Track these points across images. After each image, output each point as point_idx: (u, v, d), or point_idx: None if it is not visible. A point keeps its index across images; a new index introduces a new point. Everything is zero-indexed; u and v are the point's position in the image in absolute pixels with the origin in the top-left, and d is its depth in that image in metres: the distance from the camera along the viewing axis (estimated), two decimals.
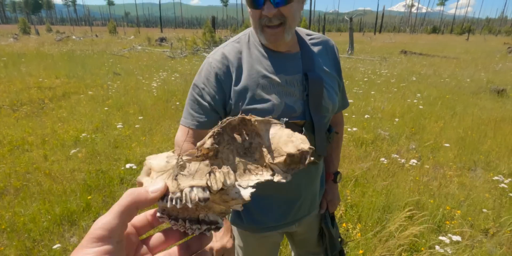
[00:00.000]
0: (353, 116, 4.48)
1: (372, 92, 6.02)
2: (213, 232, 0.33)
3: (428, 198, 2.45)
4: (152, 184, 0.30)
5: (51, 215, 2.24)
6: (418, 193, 2.55)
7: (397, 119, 4.37)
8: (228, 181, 0.30)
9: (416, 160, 3.18)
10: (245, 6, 0.89)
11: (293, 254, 1.36)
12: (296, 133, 0.36)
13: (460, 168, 3.12)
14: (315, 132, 0.93)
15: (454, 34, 59.39)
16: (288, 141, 0.35)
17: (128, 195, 0.29)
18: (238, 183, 0.34)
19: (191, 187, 0.29)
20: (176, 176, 0.30)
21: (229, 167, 0.32)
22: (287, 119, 0.88)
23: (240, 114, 0.37)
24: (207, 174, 0.30)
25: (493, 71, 9.47)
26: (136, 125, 4.09)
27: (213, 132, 0.35)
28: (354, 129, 3.88)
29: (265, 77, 0.89)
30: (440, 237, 1.80)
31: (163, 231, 0.34)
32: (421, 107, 5.03)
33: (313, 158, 0.89)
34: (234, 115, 0.94)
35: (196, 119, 0.91)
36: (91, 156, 3.22)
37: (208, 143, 0.34)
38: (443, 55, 14.15)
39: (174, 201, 0.29)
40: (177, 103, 5.10)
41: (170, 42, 16.59)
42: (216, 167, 0.31)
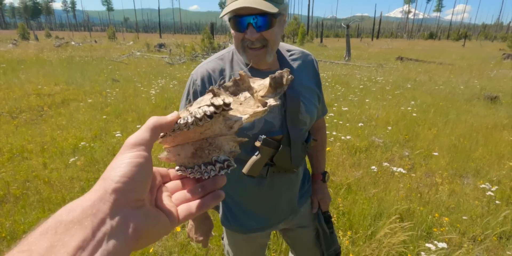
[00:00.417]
0: (347, 124, 4.56)
1: (367, 100, 6.11)
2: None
3: (419, 206, 2.51)
4: (169, 114, 0.36)
5: None
6: (410, 201, 2.62)
7: (390, 128, 4.45)
8: (227, 100, 0.34)
9: (408, 168, 3.25)
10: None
11: None
12: (275, 75, 0.41)
13: (452, 176, 3.19)
14: (291, 145, 0.98)
15: (451, 40, 59.99)
16: (269, 77, 0.41)
17: (152, 118, 0.34)
18: (242, 115, 0.38)
19: (199, 107, 0.34)
20: (187, 108, 0.37)
21: (228, 95, 0.38)
22: (265, 136, 0.92)
23: (232, 78, 0.41)
24: (210, 99, 0.35)
25: (488, 78, 9.61)
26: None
27: (212, 89, 0.38)
28: (348, 137, 3.95)
29: None
30: (427, 244, 1.86)
31: (180, 180, 0.39)
32: (415, 115, 5.12)
33: (295, 170, 0.96)
34: None
35: None
36: (90, 164, 3.28)
37: (211, 87, 0.38)
38: (439, 61, 14.33)
39: (186, 118, 0.34)
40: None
41: (169, 48, 16.72)
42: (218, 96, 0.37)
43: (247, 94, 0.40)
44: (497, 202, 2.54)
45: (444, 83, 8.40)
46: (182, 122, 0.34)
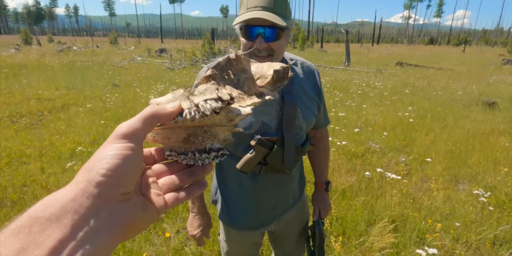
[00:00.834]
0: (343, 130, 4.58)
1: (364, 106, 6.14)
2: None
3: (412, 211, 2.52)
4: (170, 104, 0.34)
5: None
6: (404, 207, 2.62)
7: (386, 133, 4.46)
8: (233, 93, 0.34)
9: (404, 173, 3.25)
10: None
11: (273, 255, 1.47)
12: (275, 62, 0.41)
13: (448, 181, 3.20)
14: (284, 147, 1.03)
15: (451, 45, 60.23)
16: (270, 67, 0.40)
17: (150, 107, 0.32)
18: (239, 105, 0.37)
19: (205, 100, 0.33)
20: (188, 97, 0.35)
21: (231, 87, 0.37)
22: (260, 136, 0.98)
23: (226, 56, 0.39)
24: (216, 90, 0.34)
25: (486, 83, 9.64)
26: None
27: (210, 73, 0.37)
28: (344, 143, 3.97)
29: None
30: (418, 250, 1.86)
31: (166, 163, 0.37)
32: (412, 120, 5.14)
33: (287, 171, 1.04)
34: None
35: None
36: None
37: (209, 72, 0.37)
38: (439, 67, 14.38)
39: (193, 113, 0.33)
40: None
41: (170, 53, 16.85)
42: (222, 86, 0.36)
43: (250, 83, 0.39)
44: (491, 208, 2.54)
45: (443, 89, 8.43)
46: (188, 117, 0.33)
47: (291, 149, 1.05)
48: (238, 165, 1.02)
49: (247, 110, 0.36)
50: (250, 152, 1.01)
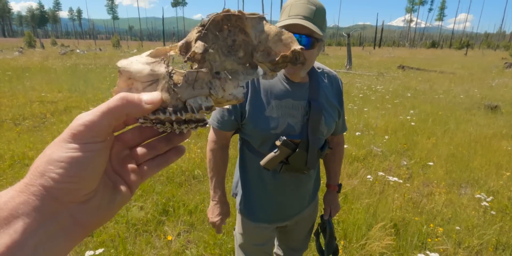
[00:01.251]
0: (345, 133, 4.57)
1: (366, 109, 6.14)
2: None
3: (415, 215, 2.51)
4: (147, 94, 0.28)
5: None
6: (406, 210, 2.61)
7: (387, 137, 4.46)
8: (228, 88, 0.30)
9: (406, 177, 3.25)
10: None
11: (275, 249, 1.54)
12: (284, 30, 0.33)
13: (450, 185, 3.19)
14: (309, 150, 1.11)
15: (453, 49, 60.24)
16: (277, 40, 0.33)
17: (120, 99, 0.26)
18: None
19: (195, 98, 0.29)
20: (173, 87, 0.29)
21: (226, 73, 0.31)
22: (285, 138, 1.06)
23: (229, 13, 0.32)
24: (208, 83, 0.29)
25: (489, 87, 9.63)
26: None
27: (200, 33, 0.32)
28: (345, 146, 3.97)
29: (277, 99, 1.10)
30: (419, 254, 1.86)
31: (137, 128, 0.32)
32: (414, 124, 5.14)
33: (306, 172, 1.15)
34: (247, 123, 1.11)
35: (220, 122, 1.15)
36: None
37: (200, 47, 0.31)
38: (440, 70, 14.38)
39: (179, 113, 0.29)
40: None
41: (172, 57, 16.89)
42: (215, 74, 0.31)
43: (247, 49, 0.33)
44: (493, 213, 2.53)
45: (445, 92, 8.42)
46: (173, 118, 0.29)
47: (314, 152, 1.13)
48: (262, 162, 1.11)
49: (240, 95, 0.32)
50: (275, 151, 1.09)
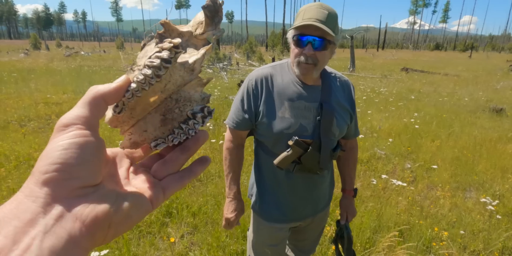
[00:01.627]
0: None
1: (369, 111, 6.12)
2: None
3: (419, 219, 2.49)
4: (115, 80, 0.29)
5: None
6: (410, 214, 2.60)
7: (391, 139, 4.44)
8: (175, 40, 0.30)
9: (410, 180, 3.23)
10: (250, 23, 1.08)
11: (287, 251, 1.55)
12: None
13: (454, 189, 3.17)
14: (321, 150, 1.15)
15: (457, 51, 59.96)
16: (199, 14, 0.35)
17: (91, 90, 0.27)
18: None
19: (150, 57, 0.29)
20: (132, 68, 0.30)
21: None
22: (297, 138, 1.10)
23: (156, 32, 0.33)
24: (155, 46, 0.30)
25: (493, 90, 9.57)
26: None
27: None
28: None
29: (290, 100, 1.14)
30: None
31: (155, 155, 0.33)
32: (418, 126, 5.11)
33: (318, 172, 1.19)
34: (261, 123, 1.17)
35: (235, 122, 1.21)
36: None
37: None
38: (445, 73, 14.33)
39: (144, 72, 0.28)
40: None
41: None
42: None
43: (193, 40, 0.34)
44: (498, 217, 2.51)
45: (449, 95, 8.38)
46: (139, 80, 0.28)
47: (327, 152, 1.16)
48: (275, 161, 1.14)
49: (201, 52, 0.32)
50: (287, 151, 1.12)
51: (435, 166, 3.59)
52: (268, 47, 40.69)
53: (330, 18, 1.05)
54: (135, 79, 0.29)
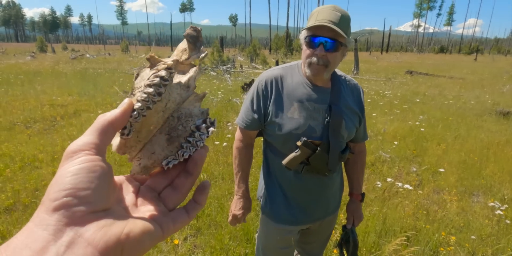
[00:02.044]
0: None
1: (374, 114, 6.08)
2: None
3: (426, 223, 2.45)
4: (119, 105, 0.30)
5: None
6: (416, 218, 2.56)
7: (396, 142, 4.40)
8: (168, 61, 0.32)
9: (416, 184, 3.18)
10: (253, 26, 1.07)
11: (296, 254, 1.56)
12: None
13: (461, 193, 3.12)
14: (330, 152, 1.15)
15: (462, 54, 59.64)
16: (181, 45, 0.36)
17: (98, 118, 0.28)
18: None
19: (148, 79, 0.31)
20: (132, 92, 0.32)
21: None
22: (306, 138, 1.10)
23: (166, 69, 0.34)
24: (150, 70, 0.33)
25: (500, 93, 9.48)
26: None
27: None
28: None
29: (299, 101, 1.14)
30: None
31: (161, 175, 0.33)
32: (423, 130, 5.06)
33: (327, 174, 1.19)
34: (270, 123, 1.17)
35: (245, 122, 1.22)
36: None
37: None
38: (450, 76, 14.23)
39: (146, 90, 0.30)
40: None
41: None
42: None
43: (180, 68, 0.36)
44: (507, 222, 2.46)
45: (454, 98, 8.32)
46: (143, 98, 0.30)
47: (335, 154, 1.16)
48: (284, 161, 1.15)
49: (193, 70, 0.34)
50: (296, 151, 1.13)
51: (442, 170, 3.54)
52: (272, 50, 40.77)
53: (343, 20, 1.05)
54: (139, 99, 0.30)
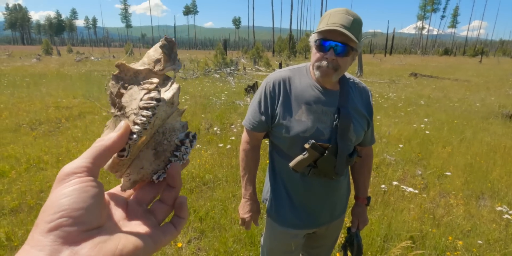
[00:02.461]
0: None
1: (378, 117, 6.05)
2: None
3: (432, 227, 2.42)
4: (112, 132, 0.31)
5: None
6: (422, 222, 2.53)
7: (401, 145, 4.36)
8: (154, 80, 0.33)
9: (421, 187, 3.15)
10: (257, 28, 1.05)
11: None
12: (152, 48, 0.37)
13: (468, 197, 3.08)
14: (338, 155, 1.13)
15: (467, 56, 59.28)
16: (153, 51, 0.37)
17: (96, 143, 0.29)
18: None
19: (140, 100, 0.32)
20: (123, 114, 0.33)
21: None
22: (314, 141, 1.08)
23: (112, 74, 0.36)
24: (139, 89, 0.33)
25: (506, 95, 9.40)
26: None
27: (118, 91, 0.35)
28: None
29: (307, 104, 1.13)
30: None
31: (144, 188, 0.35)
32: (428, 132, 5.02)
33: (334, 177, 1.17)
34: (278, 125, 1.15)
35: (252, 123, 1.21)
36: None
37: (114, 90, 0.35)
38: (454, 78, 14.15)
39: (144, 113, 0.31)
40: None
41: (183, 64, 17.19)
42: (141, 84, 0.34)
43: (152, 76, 0.36)
44: None
45: (460, 100, 8.25)
46: (143, 122, 0.31)
47: (343, 157, 1.14)
48: (291, 164, 1.13)
49: (174, 86, 0.35)
50: (303, 154, 1.11)
51: (448, 173, 3.51)
52: (275, 52, 40.84)
53: (355, 25, 1.04)
54: (138, 122, 0.31)
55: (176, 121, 0.36)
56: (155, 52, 0.36)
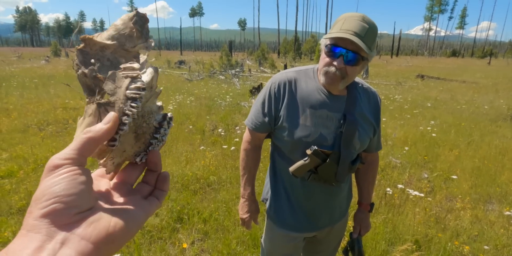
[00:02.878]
0: None
1: (384, 119, 6.00)
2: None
3: (438, 232, 2.39)
4: (98, 124, 0.30)
5: None
6: (428, 226, 2.50)
7: (407, 148, 4.32)
8: (134, 65, 0.32)
9: (427, 191, 3.11)
10: (262, 30, 1.03)
11: None
12: (119, 20, 0.35)
13: (475, 201, 3.04)
14: (340, 162, 1.10)
15: (475, 58, 58.57)
16: (123, 23, 0.35)
17: (86, 133, 0.29)
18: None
19: (126, 89, 0.31)
20: (108, 103, 0.32)
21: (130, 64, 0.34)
22: (316, 147, 1.05)
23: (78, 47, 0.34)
24: (122, 75, 0.32)
25: None
26: None
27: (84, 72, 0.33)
28: None
29: (312, 108, 1.10)
30: None
31: (126, 171, 0.36)
32: (435, 135, 4.97)
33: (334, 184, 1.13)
34: (281, 127, 1.12)
35: (255, 124, 1.19)
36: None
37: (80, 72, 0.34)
38: (462, 80, 13.98)
39: (134, 104, 0.31)
40: (190, 127, 5.28)
41: (189, 65, 17.29)
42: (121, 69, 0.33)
43: (122, 53, 0.35)
44: None
45: (467, 103, 8.15)
46: (133, 113, 0.31)
47: (345, 165, 1.11)
48: (291, 169, 1.11)
49: (151, 69, 0.35)
50: (305, 160, 1.09)
51: (455, 176, 3.46)
52: (280, 54, 40.84)
53: (369, 34, 0.99)
54: (129, 113, 0.31)
55: (153, 104, 0.36)
56: (124, 26, 0.34)
